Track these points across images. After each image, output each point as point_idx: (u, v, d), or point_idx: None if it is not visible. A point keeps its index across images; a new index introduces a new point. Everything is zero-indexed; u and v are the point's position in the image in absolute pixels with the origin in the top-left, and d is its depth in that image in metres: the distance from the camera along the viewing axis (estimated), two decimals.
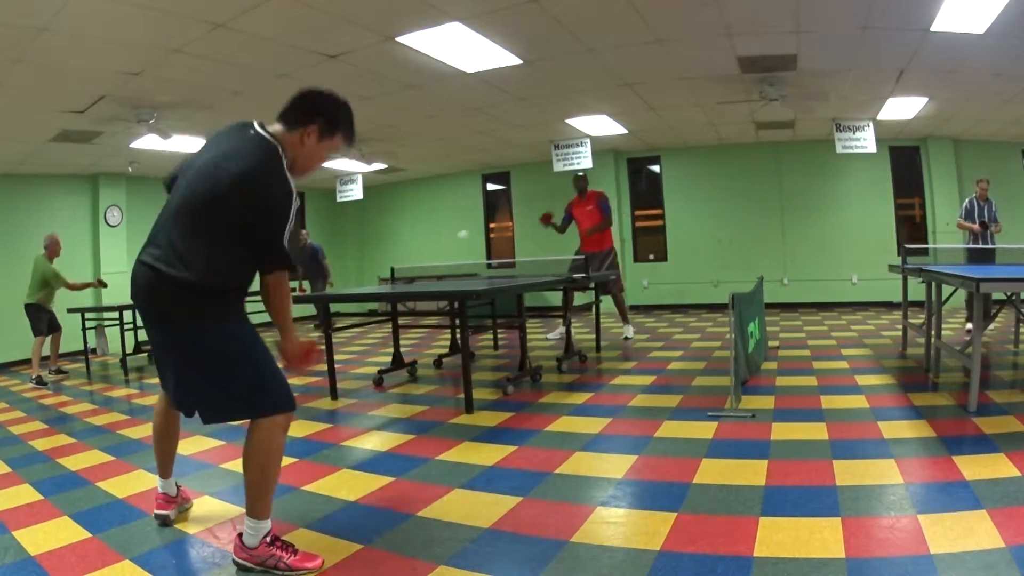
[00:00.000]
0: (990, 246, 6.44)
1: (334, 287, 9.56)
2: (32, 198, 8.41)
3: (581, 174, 7.22)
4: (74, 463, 3.34)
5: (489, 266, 11.27)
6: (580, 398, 4.24)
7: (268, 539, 2.02)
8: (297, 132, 2.04)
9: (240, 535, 2.04)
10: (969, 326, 6.13)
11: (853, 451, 2.83)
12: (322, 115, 2.07)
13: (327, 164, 9.26)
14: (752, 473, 2.63)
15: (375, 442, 3.50)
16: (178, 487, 2.50)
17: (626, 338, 6.98)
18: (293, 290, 4.89)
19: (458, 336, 5.28)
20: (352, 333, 9.11)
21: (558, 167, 9.15)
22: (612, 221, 7.02)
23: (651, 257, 10.64)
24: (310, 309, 11.44)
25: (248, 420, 2.03)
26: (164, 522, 2.41)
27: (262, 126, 2.04)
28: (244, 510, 2.04)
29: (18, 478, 3.12)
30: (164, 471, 2.41)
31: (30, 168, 8.05)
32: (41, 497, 2.81)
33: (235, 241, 1.94)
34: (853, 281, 9.47)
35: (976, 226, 6.45)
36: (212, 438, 3.62)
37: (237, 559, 2.04)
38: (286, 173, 1.96)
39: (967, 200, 6.65)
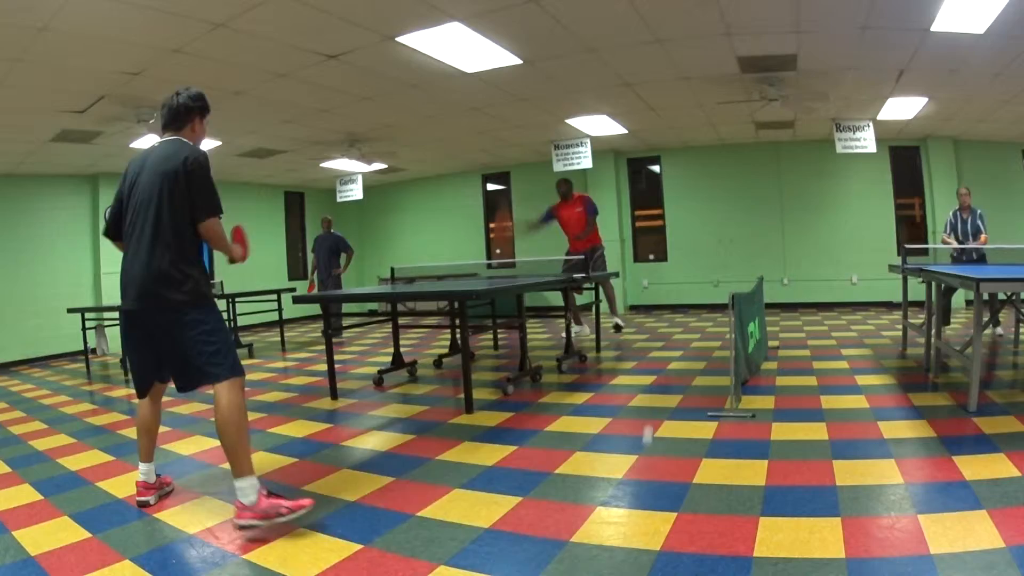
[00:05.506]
0: (974, 256, 6.18)
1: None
2: (32, 198, 8.41)
3: (565, 179, 7.49)
4: (74, 463, 3.34)
5: (489, 266, 11.27)
6: (580, 398, 4.24)
7: (264, 492, 2.25)
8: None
9: (238, 501, 2.24)
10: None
11: (853, 451, 2.83)
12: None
13: (327, 164, 9.63)
14: (752, 473, 2.63)
15: (375, 442, 3.50)
16: (157, 474, 2.71)
17: (616, 326, 7.43)
18: None
19: (458, 336, 5.27)
20: (352, 333, 9.11)
21: (558, 167, 9.14)
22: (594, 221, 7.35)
23: (651, 257, 10.64)
24: (314, 308, 11.42)
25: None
26: (144, 507, 2.60)
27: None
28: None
29: (18, 478, 3.12)
30: (148, 456, 2.65)
31: (30, 168, 8.05)
32: (41, 497, 2.81)
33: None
34: (853, 281, 9.47)
35: (954, 241, 6.20)
36: (211, 438, 3.62)
37: (241, 521, 2.24)
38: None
39: (950, 213, 6.38)
